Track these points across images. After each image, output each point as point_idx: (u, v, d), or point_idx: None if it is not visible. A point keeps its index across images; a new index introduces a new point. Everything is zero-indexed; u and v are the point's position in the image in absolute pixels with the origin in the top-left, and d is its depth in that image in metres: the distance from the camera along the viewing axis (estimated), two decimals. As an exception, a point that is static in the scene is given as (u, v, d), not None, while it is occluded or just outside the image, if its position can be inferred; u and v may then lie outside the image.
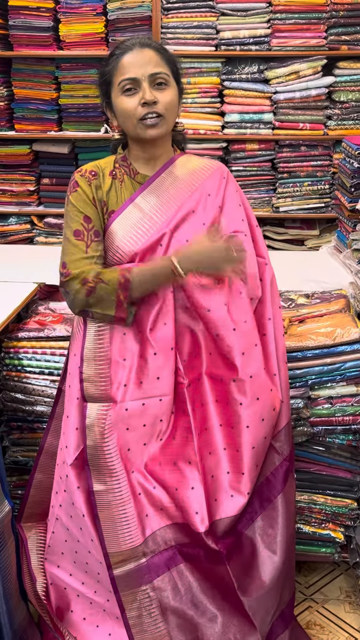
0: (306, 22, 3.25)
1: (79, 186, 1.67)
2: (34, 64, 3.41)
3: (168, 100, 1.61)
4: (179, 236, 1.66)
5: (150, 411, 1.65)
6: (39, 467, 1.92)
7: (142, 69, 1.59)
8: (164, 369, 1.65)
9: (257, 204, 3.50)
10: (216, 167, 1.74)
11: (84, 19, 3.30)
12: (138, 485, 1.64)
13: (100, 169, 1.71)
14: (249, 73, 3.32)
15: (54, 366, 2.11)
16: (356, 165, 2.57)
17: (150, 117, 1.60)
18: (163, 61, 1.61)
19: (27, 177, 3.56)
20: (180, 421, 1.67)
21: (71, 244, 1.63)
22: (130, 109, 1.60)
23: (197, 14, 3.28)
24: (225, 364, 1.65)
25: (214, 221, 1.69)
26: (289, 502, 1.75)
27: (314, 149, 3.43)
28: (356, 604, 2.15)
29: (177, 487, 1.62)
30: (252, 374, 1.64)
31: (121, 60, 1.61)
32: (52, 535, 1.77)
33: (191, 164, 1.73)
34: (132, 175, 1.71)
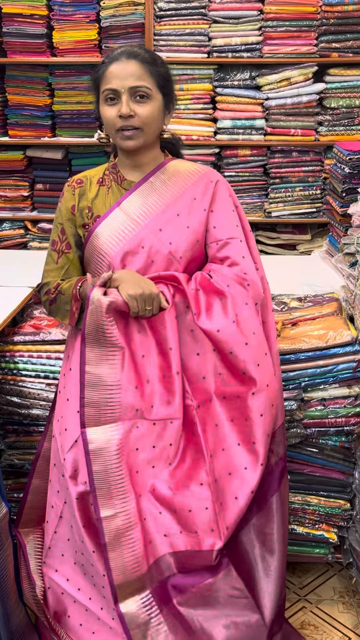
0: (297, 30, 3.29)
1: (63, 197, 1.76)
2: (27, 71, 3.44)
3: (146, 114, 1.63)
4: (162, 238, 1.68)
5: (160, 433, 1.65)
6: (36, 473, 1.92)
7: (123, 81, 1.62)
8: (173, 392, 1.65)
9: (249, 209, 3.53)
10: (204, 172, 1.76)
11: (77, 26, 3.33)
12: (145, 509, 1.63)
13: (88, 178, 1.76)
14: (240, 80, 3.35)
15: (49, 369, 2.12)
16: (347, 170, 2.61)
17: (126, 129, 1.64)
18: (147, 74, 1.63)
19: (21, 183, 3.58)
20: (190, 444, 1.66)
21: (49, 254, 1.78)
22: (110, 118, 1.65)
23: (190, 21, 3.32)
24: (239, 379, 1.65)
25: (200, 225, 1.70)
26: (283, 502, 1.77)
27: (305, 154, 3.47)
28: (350, 604, 2.17)
29: (190, 509, 1.62)
30: (268, 382, 1.66)
31: (108, 68, 1.64)
32: (54, 535, 1.76)
33: (180, 168, 1.75)
34: (119, 182, 1.74)
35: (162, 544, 1.62)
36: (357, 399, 2.07)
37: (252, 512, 1.72)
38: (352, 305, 2.21)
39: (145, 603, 1.62)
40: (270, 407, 1.66)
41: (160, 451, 1.65)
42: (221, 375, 1.66)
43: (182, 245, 1.69)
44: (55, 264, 1.75)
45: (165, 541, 1.62)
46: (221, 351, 1.65)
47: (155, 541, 1.62)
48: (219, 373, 1.66)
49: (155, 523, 1.62)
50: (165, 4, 3.30)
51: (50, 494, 1.80)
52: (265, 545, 1.74)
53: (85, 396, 1.62)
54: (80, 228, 1.75)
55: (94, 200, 1.73)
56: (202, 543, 1.60)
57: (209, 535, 1.61)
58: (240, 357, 1.64)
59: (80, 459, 1.66)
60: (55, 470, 1.78)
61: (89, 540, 1.66)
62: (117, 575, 1.60)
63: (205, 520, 1.61)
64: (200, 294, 1.66)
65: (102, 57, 3.37)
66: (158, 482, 1.64)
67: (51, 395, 2.12)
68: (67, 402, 1.73)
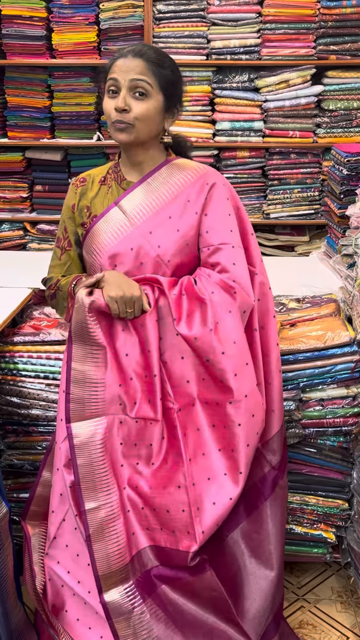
0: (295, 32, 3.31)
1: (67, 195, 1.80)
2: (27, 72, 3.45)
3: (141, 111, 1.64)
4: (152, 241, 1.68)
5: (141, 432, 1.66)
6: (46, 466, 1.92)
7: (125, 73, 1.64)
8: (153, 393, 1.66)
9: (247, 210, 3.54)
10: (201, 173, 1.73)
11: (77, 28, 3.34)
12: (128, 501, 1.65)
13: (91, 176, 1.78)
14: (239, 82, 3.37)
15: (49, 370, 2.13)
16: (345, 172, 2.62)
17: (119, 123, 1.65)
18: (150, 72, 1.64)
19: (20, 184, 3.59)
20: (172, 446, 1.67)
21: (54, 250, 1.85)
22: (107, 110, 1.67)
23: (189, 23, 3.33)
24: (219, 387, 1.65)
25: (191, 228, 1.69)
26: (279, 510, 1.77)
27: (303, 156, 3.48)
28: (348, 603, 2.18)
29: (168, 509, 1.64)
30: (247, 393, 1.64)
31: (114, 62, 1.67)
32: (62, 523, 1.75)
33: (179, 169, 1.74)
34: (119, 182, 1.75)
35: (144, 536, 1.64)
36: (355, 400, 2.08)
37: (240, 517, 1.72)
38: (350, 306, 2.22)
39: (129, 593, 1.64)
40: (250, 418, 1.64)
41: (142, 449, 1.67)
42: (204, 381, 1.66)
43: (171, 249, 1.69)
44: (59, 260, 1.82)
45: (147, 534, 1.64)
46: (199, 357, 1.65)
47: (137, 533, 1.64)
48: (203, 378, 1.66)
49: (138, 516, 1.64)
50: (164, 6, 3.32)
51: (57, 482, 1.78)
52: (256, 552, 1.74)
53: (70, 392, 1.63)
54: (80, 227, 1.77)
55: (93, 200, 1.75)
56: (179, 543, 1.62)
57: (186, 537, 1.62)
58: (217, 365, 1.63)
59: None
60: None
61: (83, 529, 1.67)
62: (101, 566, 1.62)
63: (182, 522, 1.63)
64: (184, 300, 1.66)
65: (100, 58, 3.39)
66: (140, 479, 1.66)
67: (50, 395, 2.13)
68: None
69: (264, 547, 1.75)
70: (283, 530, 1.79)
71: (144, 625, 1.63)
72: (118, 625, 1.63)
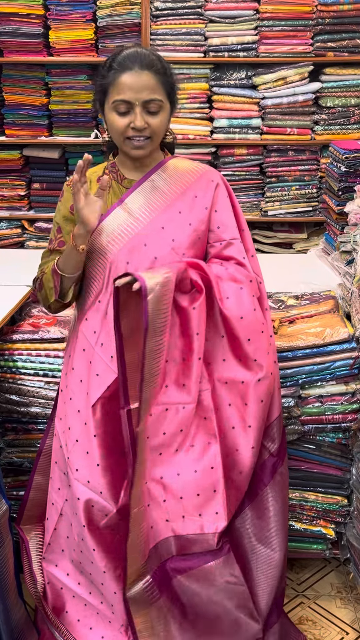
0: (293, 29, 3.31)
1: (62, 196, 1.77)
2: (24, 70, 3.44)
3: (158, 124, 1.64)
4: (165, 236, 1.69)
5: (172, 419, 1.66)
6: (38, 469, 1.92)
7: (138, 94, 1.60)
8: (190, 377, 1.67)
9: (245, 208, 3.54)
10: (205, 170, 1.77)
11: (74, 25, 3.34)
12: (148, 495, 1.66)
13: (88, 176, 1.73)
14: (237, 79, 3.36)
15: (48, 367, 2.13)
16: (343, 169, 2.62)
17: (137, 139, 1.64)
18: (160, 85, 1.62)
19: (18, 182, 3.59)
20: (200, 428, 1.69)
21: (44, 250, 1.81)
22: (119, 128, 1.63)
23: (186, 20, 3.33)
24: (247, 366, 1.69)
25: (201, 223, 1.71)
26: (280, 495, 1.79)
27: (301, 153, 3.48)
28: (347, 599, 2.19)
29: (198, 493, 1.65)
30: (272, 371, 1.73)
31: (119, 78, 1.60)
32: (54, 532, 1.78)
33: (180, 166, 1.75)
34: (120, 181, 1.75)
35: (163, 528, 1.66)
36: (354, 396, 2.08)
37: (244, 503, 1.74)
38: (348, 302, 2.22)
39: (147, 588, 1.65)
40: (269, 395, 1.73)
41: (169, 437, 1.67)
42: (225, 362, 1.70)
43: (185, 242, 1.70)
44: (48, 260, 1.78)
45: (167, 526, 1.65)
46: (237, 338, 1.68)
47: (157, 526, 1.66)
48: (223, 359, 1.70)
49: (159, 509, 1.65)
50: (161, 3, 3.31)
51: (50, 491, 1.81)
52: (260, 537, 1.76)
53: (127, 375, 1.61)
54: None
55: None
56: (205, 526, 1.64)
57: (214, 519, 1.64)
58: (255, 344, 1.69)
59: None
60: (56, 467, 1.79)
61: (91, 539, 1.68)
62: (130, 559, 1.63)
63: (211, 504, 1.65)
64: (221, 282, 1.69)
65: (98, 56, 3.38)
66: (165, 470, 1.66)
67: (50, 393, 2.13)
68: (70, 401, 1.74)
69: (267, 531, 1.78)
70: (285, 516, 1.81)
71: (160, 620, 1.66)
72: (137, 619, 1.65)
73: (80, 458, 1.70)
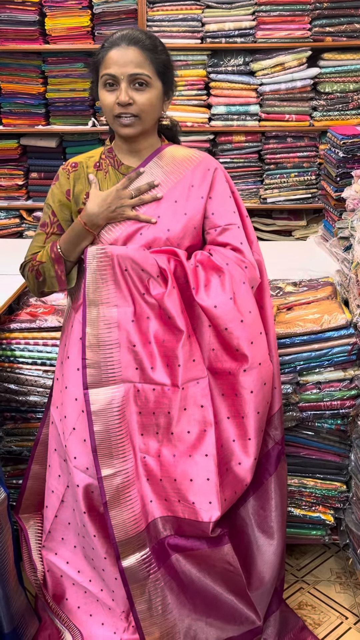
0: (290, 14, 3.28)
1: (58, 180, 1.76)
2: (20, 58, 3.42)
3: (144, 101, 1.62)
4: (161, 225, 1.68)
5: (159, 399, 1.66)
6: (35, 458, 1.93)
7: (123, 68, 1.60)
8: (173, 359, 1.67)
9: (244, 195, 3.53)
10: (202, 158, 1.75)
11: (70, 12, 3.32)
12: (144, 470, 1.66)
13: (84, 161, 1.75)
14: (234, 65, 3.34)
15: (46, 356, 2.13)
16: (341, 154, 2.61)
17: (124, 116, 1.63)
18: (147, 61, 1.61)
19: (16, 172, 3.58)
20: (197, 415, 1.68)
21: (36, 234, 1.78)
22: (108, 104, 1.63)
23: (183, 6, 3.30)
24: (232, 356, 1.67)
25: (197, 212, 1.70)
26: (281, 485, 1.79)
27: (300, 140, 3.47)
28: (347, 584, 2.20)
29: (192, 479, 1.65)
30: (261, 361, 1.68)
31: (108, 53, 1.61)
32: (55, 519, 1.78)
33: (177, 155, 1.74)
34: (117, 167, 1.73)
35: (160, 505, 1.66)
36: (352, 382, 2.08)
37: (247, 493, 1.74)
38: (346, 289, 2.22)
39: (145, 560, 1.66)
40: (262, 386, 1.69)
41: (160, 418, 1.67)
42: (214, 351, 1.68)
43: (180, 232, 1.70)
44: (43, 243, 1.75)
45: (163, 504, 1.66)
46: (216, 327, 1.66)
47: (155, 502, 1.66)
48: (212, 349, 1.68)
49: (155, 486, 1.66)
50: (157, -11, 3.29)
51: (49, 478, 1.81)
52: (262, 527, 1.76)
53: (86, 357, 1.64)
54: (76, 213, 1.74)
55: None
56: (199, 514, 1.64)
57: (208, 508, 1.63)
58: (234, 333, 1.65)
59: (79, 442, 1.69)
60: (55, 455, 1.79)
61: (91, 525, 1.69)
62: (118, 532, 1.64)
63: (204, 492, 1.64)
64: (199, 270, 1.68)
65: (94, 43, 3.36)
66: (163, 448, 1.67)
67: (48, 382, 2.13)
68: (66, 390, 1.74)
69: (270, 521, 1.78)
70: (285, 504, 1.82)
71: (158, 592, 1.66)
72: (134, 592, 1.66)
73: (78, 446, 1.70)
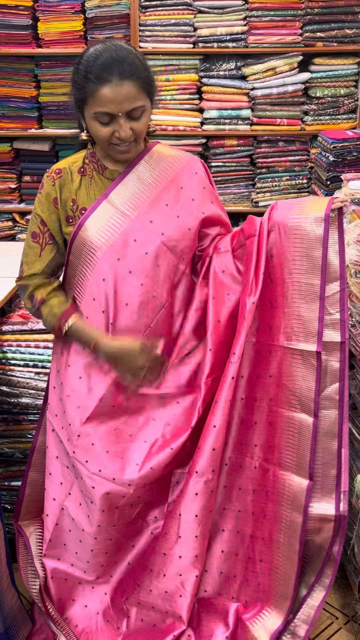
0: (282, 20, 3.31)
1: (43, 188, 1.72)
2: (13, 62, 3.44)
3: (142, 127, 1.60)
4: (154, 229, 1.68)
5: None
6: (32, 466, 1.91)
7: (120, 105, 1.54)
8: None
9: (236, 199, 3.55)
10: (187, 159, 1.74)
11: (63, 17, 3.33)
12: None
13: (67, 167, 1.71)
14: (226, 70, 3.37)
15: (38, 358, 2.15)
16: (332, 158, 2.64)
17: (123, 146, 1.61)
18: (141, 90, 1.56)
19: (8, 175, 3.59)
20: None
21: (28, 245, 1.74)
22: (103, 137, 1.59)
23: (175, 11, 3.32)
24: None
25: (189, 213, 1.71)
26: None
27: (291, 144, 3.49)
28: (337, 585, 2.21)
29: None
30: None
31: (99, 91, 1.53)
32: (56, 527, 1.78)
33: (166, 153, 1.73)
34: (101, 172, 1.70)
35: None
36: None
37: None
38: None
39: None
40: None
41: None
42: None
43: (175, 235, 1.70)
44: (38, 256, 1.72)
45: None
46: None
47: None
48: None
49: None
50: (150, -6, 3.31)
51: (50, 486, 1.80)
52: None
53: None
54: (64, 221, 1.71)
55: (77, 192, 1.69)
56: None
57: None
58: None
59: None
60: (57, 462, 1.78)
61: (102, 519, 1.72)
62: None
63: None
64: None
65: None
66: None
67: (40, 383, 2.14)
68: (69, 398, 1.73)
69: None
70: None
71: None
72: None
73: (87, 451, 1.71)
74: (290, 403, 1.66)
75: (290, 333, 1.64)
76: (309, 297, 1.62)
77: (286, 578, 1.70)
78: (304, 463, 1.64)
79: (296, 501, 1.66)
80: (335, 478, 1.65)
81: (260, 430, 1.71)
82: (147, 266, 1.68)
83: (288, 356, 1.65)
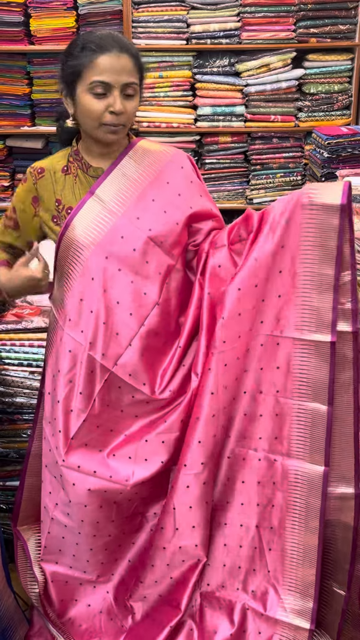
0: (275, 16, 3.30)
1: (26, 182, 1.73)
2: (5, 59, 3.41)
3: (133, 110, 1.61)
4: (141, 226, 1.67)
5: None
6: (28, 471, 1.88)
7: (118, 76, 1.55)
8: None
9: (230, 196, 3.54)
10: (172, 154, 1.73)
11: (55, 13, 3.31)
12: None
13: (51, 167, 1.70)
14: (220, 66, 3.35)
15: (32, 357, 2.13)
16: (326, 155, 2.63)
17: (113, 125, 1.60)
18: (136, 69, 1.59)
19: (2, 173, 3.57)
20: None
21: (3, 217, 1.78)
22: (96, 111, 1.58)
23: (168, 7, 3.31)
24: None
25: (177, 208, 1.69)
26: None
27: (285, 140, 3.49)
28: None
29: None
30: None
31: (97, 58, 1.55)
32: (48, 535, 1.77)
33: (151, 148, 1.72)
34: (85, 170, 1.69)
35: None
36: None
37: None
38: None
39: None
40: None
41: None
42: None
43: (162, 230, 1.68)
44: (3, 227, 1.78)
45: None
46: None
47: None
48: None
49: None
50: (142, -10, 3.29)
51: (43, 493, 1.79)
52: None
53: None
54: (49, 221, 1.70)
55: (62, 192, 1.68)
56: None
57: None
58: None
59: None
60: (47, 471, 1.77)
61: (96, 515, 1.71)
62: None
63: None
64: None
65: (80, 44, 3.35)
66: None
67: (34, 383, 2.13)
68: (58, 404, 1.70)
69: None
70: None
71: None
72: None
73: (80, 454, 1.69)
74: (301, 393, 1.65)
75: (302, 324, 1.63)
76: (322, 288, 1.60)
77: (305, 561, 1.67)
78: (319, 450, 1.63)
79: (313, 487, 1.65)
80: (354, 460, 1.64)
81: (266, 422, 1.70)
82: (136, 263, 1.67)
83: (298, 347, 1.64)
